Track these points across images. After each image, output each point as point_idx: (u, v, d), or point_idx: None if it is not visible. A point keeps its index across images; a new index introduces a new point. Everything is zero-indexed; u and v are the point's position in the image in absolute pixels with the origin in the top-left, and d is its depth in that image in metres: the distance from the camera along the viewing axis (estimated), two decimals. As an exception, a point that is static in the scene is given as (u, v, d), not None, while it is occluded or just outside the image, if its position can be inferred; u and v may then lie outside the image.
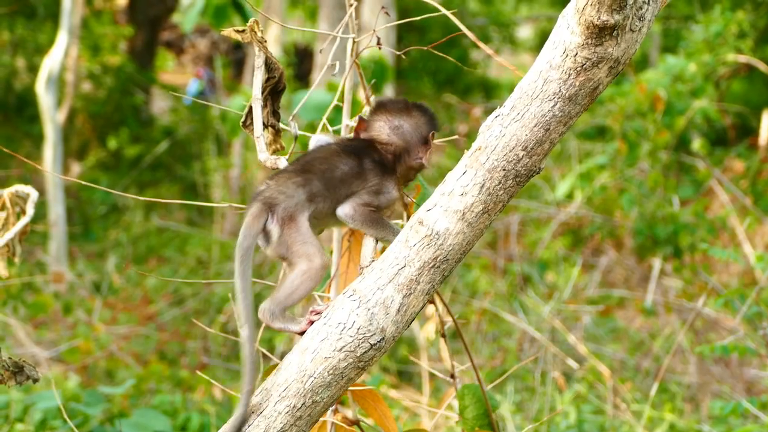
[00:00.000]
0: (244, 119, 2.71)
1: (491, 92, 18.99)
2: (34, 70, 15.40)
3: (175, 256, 11.79)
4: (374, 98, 2.89)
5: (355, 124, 2.60)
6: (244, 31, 2.63)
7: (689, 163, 10.50)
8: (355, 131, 2.59)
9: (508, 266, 9.66)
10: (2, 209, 3.31)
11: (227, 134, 11.79)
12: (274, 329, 2.42)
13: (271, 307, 2.40)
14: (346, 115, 2.89)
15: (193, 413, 5.77)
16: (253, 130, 2.66)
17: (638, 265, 9.64)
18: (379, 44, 2.81)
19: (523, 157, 2.26)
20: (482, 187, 2.27)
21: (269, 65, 2.68)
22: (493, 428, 2.92)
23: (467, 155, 2.30)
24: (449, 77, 18.90)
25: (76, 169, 15.08)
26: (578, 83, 2.22)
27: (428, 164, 2.57)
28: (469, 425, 2.90)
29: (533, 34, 22.35)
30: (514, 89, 2.28)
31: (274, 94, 2.73)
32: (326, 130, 2.94)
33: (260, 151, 2.64)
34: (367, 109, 2.86)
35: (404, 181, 2.60)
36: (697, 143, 10.04)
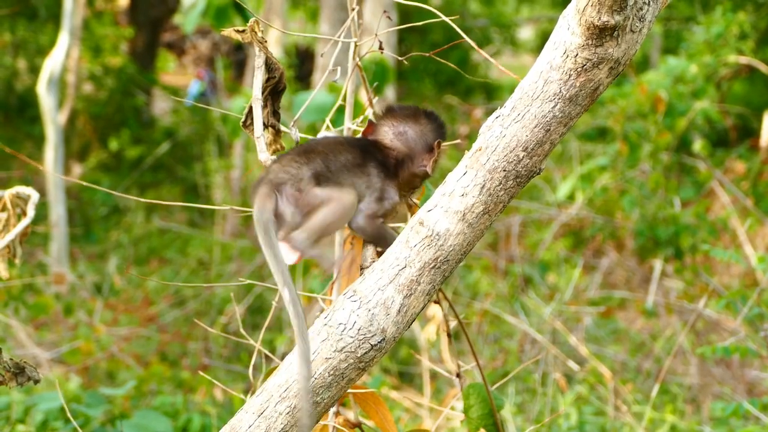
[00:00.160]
0: (244, 119, 2.71)
1: (492, 93, 18.98)
2: (35, 71, 15.42)
3: (176, 257, 11.80)
4: (379, 102, 2.89)
5: (357, 126, 2.60)
6: (244, 31, 2.63)
7: (690, 164, 10.50)
8: (363, 133, 2.58)
9: (509, 267, 9.65)
10: (3, 210, 3.32)
11: (228, 135, 11.79)
12: (306, 256, 2.36)
13: (303, 235, 2.36)
14: (348, 117, 2.89)
15: (194, 414, 5.77)
16: (253, 130, 2.66)
17: (639, 266, 9.63)
18: (381, 49, 2.81)
19: (523, 157, 2.26)
20: (483, 187, 2.27)
21: (269, 65, 2.68)
22: (497, 428, 2.92)
23: (468, 156, 2.30)
24: (450, 78, 18.90)
25: (77, 170, 15.09)
26: (579, 84, 2.22)
27: (432, 172, 2.56)
28: (473, 425, 2.90)
29: (534, 35, 22.34)
30: (514, 90, 2.29)
31: (274, 94, 2.73)
32: (329, 131, 2.94)
33: (260, 151, 2.63)
34: (370, 111, 2.86)
35: (409, 188, 2.58)
36: (698, 144, 10.04)
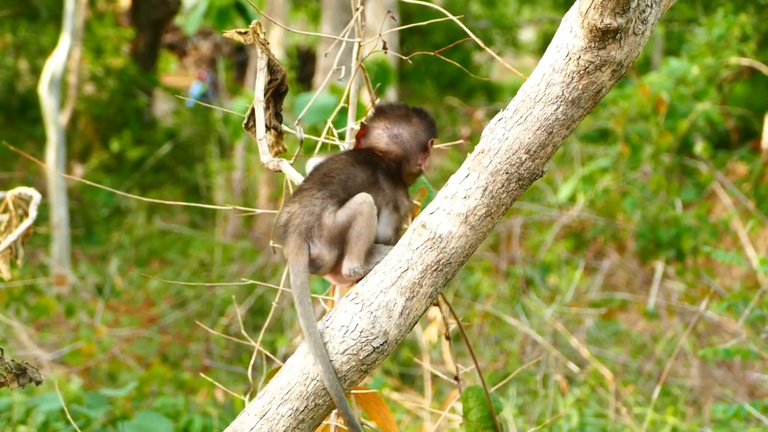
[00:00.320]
0: (246, 121, 2.71)
1: (494, 95, 18.99)
2: (36, 72, 15.42)
3: (177, 258, 11.79)
4: (374, 103, 2.89)
5: (359, 127, 2.60)
6: (246, 32, 2.63)
7: (692, 166, 10.49)
8: (356, 136, 2.58)
9: (510, 269, 9.65)
10: (5, 211, 3.32)
11: (230, 137, 11.78)
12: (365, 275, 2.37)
13: (355, 264, 2.38)
14: (351, 118, 2.89)
15: (195, 416, 5.77)
16: (255, 132, 2.66)
17: (641, 268, 9.63)
18: (385, 49, 2.81)
19: (525, 160, 2.26)
20: (485, 190, 2.27)
21: (272, 67, 2.67)
22: (496, 430, 2.92)
23: (470, 158, 2.30)
24: (452, 80, 18.89)
25: (78, 171, 15.09)
26: (581, 86, 2.21)
27: (426, 170, 2.57)
28: (473, 427, 2.90)
29: (536, 37, 22.35)
30: (517, 92, 2.28)
31: (276, 96, 2.73)
32: (331, 133, 2.94)
33: (263, 153, 2.63)
34: (371, 113, 2.86)
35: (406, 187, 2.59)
36: (699, 146, 10.03)
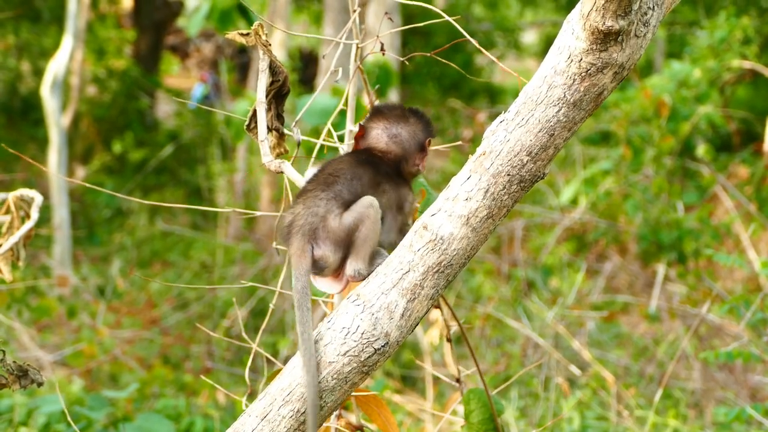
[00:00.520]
0: (248, 123, 2.71)
1: (496, 97, 18.98)
2: (39, 73, 15.43)
3: (179, 260, 11.79)
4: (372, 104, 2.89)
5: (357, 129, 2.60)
6: (248, 34, 2.63)
7: (694, 168, 10.49)
8: (355, 137, 2.58)
9: (512, 271, 9.65)
10: (7, 213, 3.32)
11: (232, 138, 11.79)
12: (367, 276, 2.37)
13: (359, 265, 2.37)
14: (350, 120, 2.89)
15: (196, 417, 5.77)
16: (257, 133, 2.66)
17: (642, 270, 9.62)
18: (382, 50, 2.81)
19: (527, 162, 2.26)
20: (486, 192, 2.27)
21: (273, 69, 2.68)
22: (497, 433, 2.91)
23: (472, 160, 2.30)
24: (454, 82, 18.89)
25: (80, 172, 15.09)
26: (583, 89, 2.21)
27: (424, 170, 2.57)
28: (474, 430, 2.90)
29: (538, 39, 22.35)
30: (518, 94, 2.29)
31: (278, 97, 2.73)
32: (331, 135, 2.94)
33: (264, 154, 2.63)
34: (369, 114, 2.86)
35: None
36: (701, 149, 10.03)
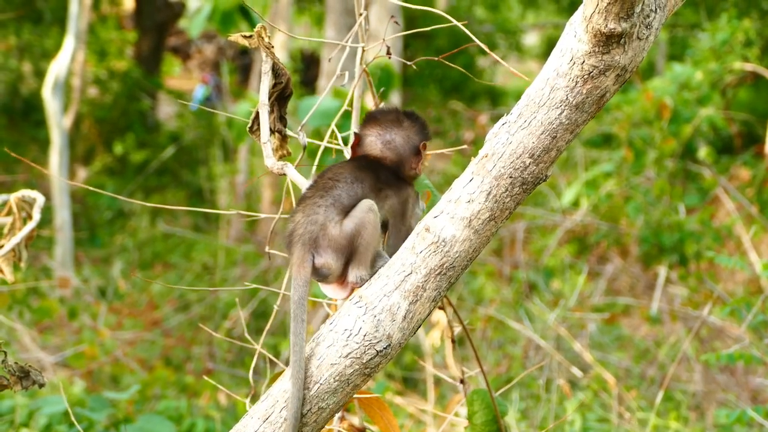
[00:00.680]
0: (250, 125, 2.71)
1: (498, 99, 18.98)
2: (40, 75, 15.44)
3: (180, 261, 11.79)
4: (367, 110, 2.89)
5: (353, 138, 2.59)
6: (251, 36, 2.63)
7: (695, 171, 10.49)
8: (351, 146, 2.58)
9: (513, 273, 9.65)
10: (8, 214, 3.32)
11: (233, 140, 11.80)
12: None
13: (362, 272, 2.36)
14: (354, 123, 2.89)
15: (198, 419, 5.77)
16: (259, 135, 2.65)
17: (644, 272, 9.62)
18: (389, 54, 2.81)
19: (529, 164, 2.26)
20: (489, 194, 2.27)
21: (276, 71, 2.68)
22: (501, 434, 2.91)
23: (474, 162, 2.30)
24: (456, 84, 18.89)
25: (82, 174, 15.09)
26: (585, 91, 2.21)
27: (421, 174, 2.56)
28: (477, 431, 2.89)
29: (540, 41, 22.35)
30: (520, 97, 2.29)
31: (281, 99, 2.73)
32: (335, 136, 2.94)
33: (267, 156, 2.63)
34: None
35: None
36: (703, 151, 10.03)
